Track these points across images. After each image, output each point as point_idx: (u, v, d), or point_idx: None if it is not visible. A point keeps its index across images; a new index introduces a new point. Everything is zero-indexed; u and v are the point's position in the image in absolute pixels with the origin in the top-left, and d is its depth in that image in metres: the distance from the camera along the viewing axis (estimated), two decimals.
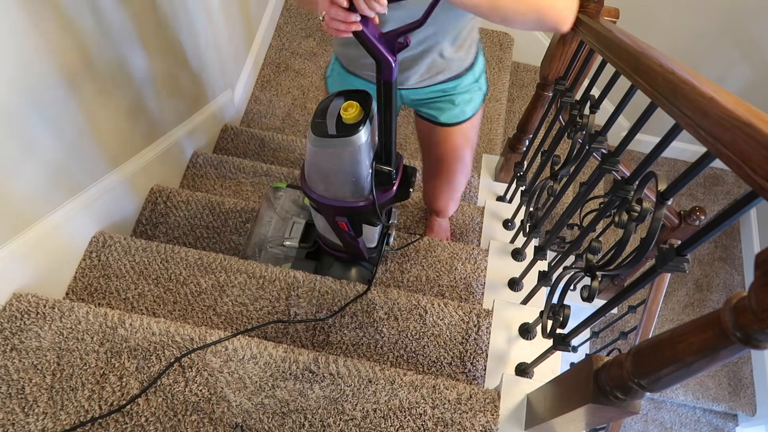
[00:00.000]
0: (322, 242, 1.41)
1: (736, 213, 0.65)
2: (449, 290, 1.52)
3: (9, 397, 1.00)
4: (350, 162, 1.03)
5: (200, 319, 1.28)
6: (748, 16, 2.27)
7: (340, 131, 0.97)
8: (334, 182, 1.09)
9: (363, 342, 1.29)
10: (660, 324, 2.68)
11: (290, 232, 1.47)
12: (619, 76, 1.06)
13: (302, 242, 1.47)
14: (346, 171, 1.05)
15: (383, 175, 1.09)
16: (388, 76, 0.91)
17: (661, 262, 0.77)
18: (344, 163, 1.03)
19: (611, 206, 1.05)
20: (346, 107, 0.97)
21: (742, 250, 2.94)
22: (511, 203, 1.89)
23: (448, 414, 1.06)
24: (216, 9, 1.79)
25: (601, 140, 1.12)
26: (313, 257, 1.47)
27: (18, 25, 0.93)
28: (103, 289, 1.30)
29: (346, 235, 1.26)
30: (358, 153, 1.01)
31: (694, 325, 0.63)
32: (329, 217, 1.19)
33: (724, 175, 3.12)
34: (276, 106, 2.55)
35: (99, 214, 1.35)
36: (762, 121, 0.57)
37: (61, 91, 1.09)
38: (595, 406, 0.81)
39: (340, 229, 1.23)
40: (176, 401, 1.03)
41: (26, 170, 1.05)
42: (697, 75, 0.73)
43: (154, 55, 1.44)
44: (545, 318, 1.16)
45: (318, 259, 1.48)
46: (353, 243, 1.29)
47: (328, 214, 1.18)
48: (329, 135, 0.97)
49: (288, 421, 1.03)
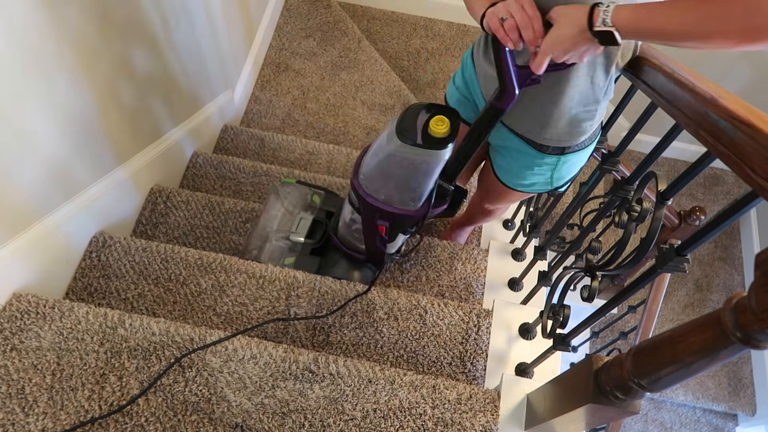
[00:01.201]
0: (339, 241, 1.41)
1: (736, 213, 0.65)
2: (449, 290, 1.52)
3: (9, 397, 1.00)
4: (425, 173, 1.04)
5: (200, 319, 1.28)
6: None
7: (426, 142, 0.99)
8: (397, 187, 1.10)
9: (363, 342, 1.29)
10: (660, 324, 2.68)
11: (297, 226, 1.49)
12: (620, 76, 1.06)
13: (308, 238, 1.48)
14: (415, 180, 1.07)
15: (442, 191, 1.12)
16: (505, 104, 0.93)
17: (661, 262, 0.77)
18: (419, 173, 1.05)
19: (611, 206, 1.05)
20: (437, 121, 0.98)
21: (742, 250, 2.94)
22: None
23: (448, 414, 1.06)
24: (216, 9, 1.79)
25: (601, 140, 1.12)
26: (317, 253, 1.48)
27: (18, 25, 0.93)
28: (103, 289, 1.30)
29: (378, 238, 1.26)
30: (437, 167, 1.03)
31: (694, 325, 0.63)
32: (370, 219, 1.19)
33: (724, 175, 3.12)
34: (276, 106, 2.55)
35: (99, 214, 1.35)
36: (762, 121, 0.57)
37: (61, 90, 1.09)
38: (595, 406, 0.81)
39: (374, 232, 1.23)
40: (176, 401, 1.03)
41: (26, 170, 1.05)
42: (697, 75, 0.73)
43: (154, 56, 1.45)
44: (545, 318, 1.16)
45: (323, 255, 1.48)
46: (380, 247, 1.30)
47: (371, 216, 1.18)
48: (416, 144, 0.98)
49: (288, 421, 1.03)
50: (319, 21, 2.87)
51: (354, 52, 2.80)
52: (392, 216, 1.16)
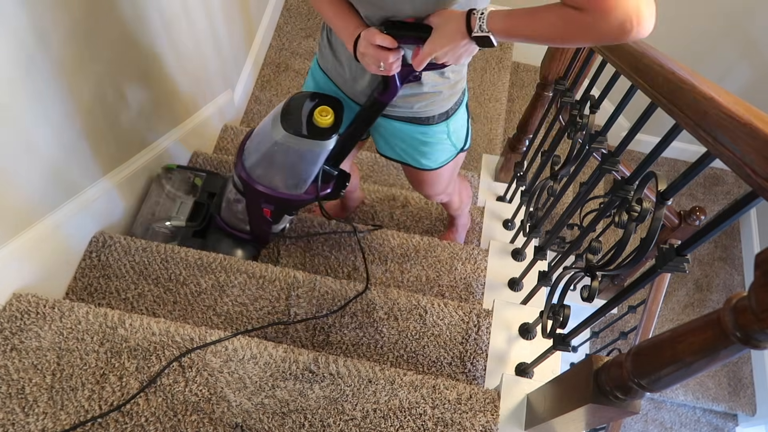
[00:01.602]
0: (223, 222, 1.44)
1: (736, 213, 0.65)
2: (449, 290, 1.52)
3: (9, 397, 1.00)
4: (310, 162, 1.09)
5: (200, 319, 1.28)
6: (748, 16, 2.27)
7: (311, 133, 1.02)
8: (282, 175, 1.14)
9: (363, 342, 1.29)
10: (660, 324, 2.68)
11: (177, 211, 1.53)
12: (619, 77, 1.06)
13: (190, 221, 1.52)
14: (301, 168, 1.11)
15: (326, 176, 1.17)
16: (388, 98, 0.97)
17: (661, 262, 0.77)
18: (304, 162, 1.09)
19: (611, 206, 1.05)
20: (321, 111, 1.02)
21: (742, 250, 2.94)
22: (511, 203, 1.89)
23: (448, 414, 1.06)
24: (216, 9, 1.79)
25: (601, 140, 1.12)
26: (199, 235, 1.52)
27: (18, 24, 0.93)
28: (103, 289, 1.30)
29: (263, 220, 1.30)
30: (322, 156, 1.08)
31: (694, 325, 0.63)
32: (255, 203, 1.24)
33: (724, 175, 3.12)
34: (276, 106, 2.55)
35: (99, 214, 1.35)
36: (762, 121, 0.57)
37: (61, 90, 1.09)
38: (595, 406, 0.81)
39: (259, 214, 1.28)
40: (176, 401, 1.03)
41: (26, 170, 1.05)
42: (697, 75, 0.73)
43: (154, 56, 1.45)
44: (545, 318, 1.16)
45: (205, 237, 1.52)
46: (265, 228, 1.35)
47: (256, 200, 1.23)
48: (302, 134, 1.02)
49: (288, 421, 1.03)
50: (319, 21, 2.87)
51: None
52: (277, 200, 1.20)
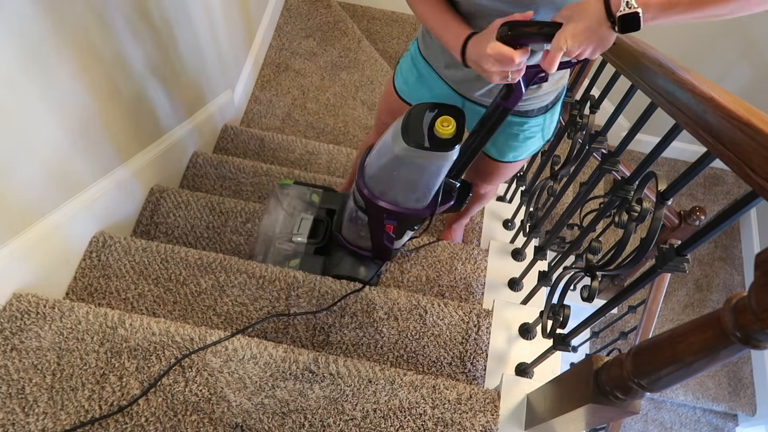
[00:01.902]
0: (344, 239, 1.41)
1: (736, 213, 0.65)
2: (449, 290, 1.52)
3: (9, 397, 1.00)
4: (433, 175, 1.03)
5: (200, 319, 1.28)
6: (747, 16, 2.27)
7: (433, 145, 0.97)
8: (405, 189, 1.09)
9: (363, 342, 1.29)
10: (660, 324, 2.68)
11: (299, 227, 1.49)
12: (619, 76, 1.06)
13: (310, 238, 1.48)
14: (423, 182, 1.06)
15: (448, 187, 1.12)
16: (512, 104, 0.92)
17: (661, 262, 0.77)
18: (426, 174, 1.03)
19: (611, 206, 1.05)
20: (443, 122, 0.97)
21: (742, 250, 2.94)
22: (511, 203, 1.89)
23: (448, 414, 1.06)
24: (216, 9, 1.79)
25: (601, 140, 1.12)
26: (321, 252, 1.48)
27: (17, 24, 0.93)
28: (103, 289, 1.30)
29: (386, 236, 1.25)
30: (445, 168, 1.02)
31: (694, 325, 0.63)
32: (378, 219, 1.19)
33: (724, 175, 3.12)
34: (276, 106, 2.55)
35: (99, 214, 1.35)
36: (762, 121, 0.57)
37: (61, 90, 1.09)
38: (595, 406, 0.81)
39: (381, 231, 1.23)
40: (176, 401, 1.03)
41: (26, 169, 1.05)
42: (697, 75, 0.73)
43: (155, 56, 1.44)
44: (545, 318, 1.16)
45: (327, 254, 1.48)
46: (387, 244, 1.30)
47: (379, 217, 1.18)
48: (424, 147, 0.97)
49: (288, 421, 1.03)
50: (319, 21, 2.87)
51: (354, 52, 2.80)
52: (400, 216, 1.15)
